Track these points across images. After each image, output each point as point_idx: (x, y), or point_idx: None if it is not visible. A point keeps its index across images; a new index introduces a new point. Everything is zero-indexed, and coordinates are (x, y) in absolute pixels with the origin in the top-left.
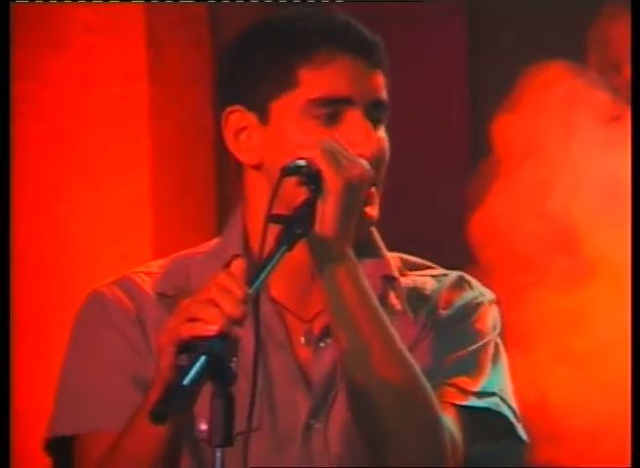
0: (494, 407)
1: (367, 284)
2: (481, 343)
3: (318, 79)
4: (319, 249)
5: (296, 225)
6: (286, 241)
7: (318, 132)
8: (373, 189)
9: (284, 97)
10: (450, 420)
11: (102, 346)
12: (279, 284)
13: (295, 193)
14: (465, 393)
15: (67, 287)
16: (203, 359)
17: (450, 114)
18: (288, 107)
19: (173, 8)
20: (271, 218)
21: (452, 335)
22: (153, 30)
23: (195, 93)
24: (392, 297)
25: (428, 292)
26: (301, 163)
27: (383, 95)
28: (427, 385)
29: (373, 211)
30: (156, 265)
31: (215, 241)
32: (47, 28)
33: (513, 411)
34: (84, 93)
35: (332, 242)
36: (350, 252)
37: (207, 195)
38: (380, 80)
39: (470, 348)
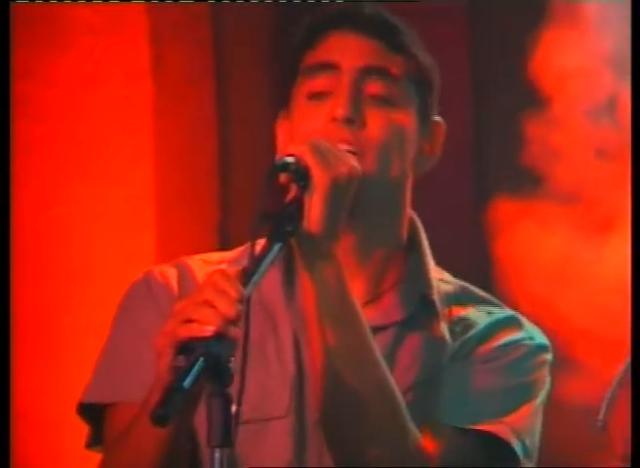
0: (500, 434)
1: (348, 283)
2: (511, 384)
3: (312, 56)
4: (306, 245)
5: (285, 222)
6: (277, 238)
7: (314, 113)
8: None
9: (294, 85)
10: (421, 433)
11: (143, 325)
12: None
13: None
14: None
15: (70, 287)
16: (201, 360)
17: (453, 114)
18: (295, 94)
19: (175, 7)
20: (261, 215)
21: (484, 370)
22: (155, 30)
23: (198, 92)
24: (429, 321)
25: (474, 325)
26: (290, 160)
27: (376, 62)
28: (394, 384)
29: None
30: (218, 255)
31: None
32: (48, 28)
33: (525, 450)
34: (86, 93)
35: (318, 239)
36: (336, 249)
37: (210, 194)
38: (377, 49)
39: (496, 387)
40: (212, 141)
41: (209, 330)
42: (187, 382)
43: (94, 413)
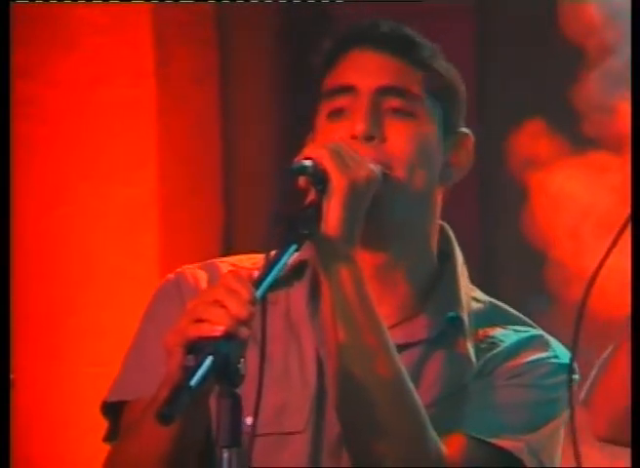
0: (516, 452)
1: (367, 286)
2: (533, 401)
3: (331, 79)
4: (323, 248)
5: (302, 225)
6: (293, 241)
7: (334, 130)
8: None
9: (317, 108)
10: (441, 441)
11: (168, 327)
12: None
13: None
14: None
15: (72, 287)
16: (209, 360)
17: None
18: (318, 117)
19: (179, 7)
20: (277, 218)
21: (507, 386)
22: (160, 30)
23: (202, 92)
24: (456, 339)
25: (500, 344)
26: (308, 163)
27: (395, 81)
28: (412, 386)
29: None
30: (249, 260)
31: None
32: (50, 28)
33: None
34: (90, 93)
35: (336, 242)
36: (354, 253)
37: (214, 195)
38: (396, 68)
39: (518, 404)
40: (216, 141)
41: (218, 329)
42: (194, 381)
43: (114, 409)
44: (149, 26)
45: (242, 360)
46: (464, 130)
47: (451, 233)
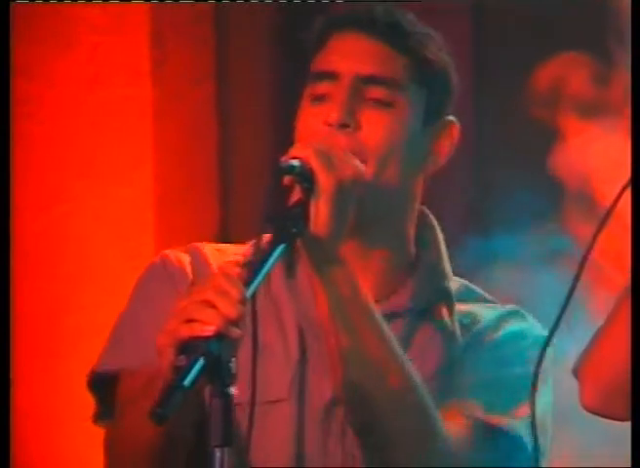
0: (510, 428)
1: (360, 283)
2: (521, 371)
3: (318, 62)
4: (313, 249)
5: (291, 224)
6: (282, 240)
7: (313, 116)
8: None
9: (304, 91)
10: (449, 430)
11: (156, 301)
12: None
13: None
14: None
15: (70, 287)
16: (201, 359)
17: (455, 113)
18: (302, 100)
19: (177, 8)
20: (266, 217)
21: (493, 359)
22: (157, 30)
23: (200, 93)
24: (443, 310)
25: (481, 319)
26: (295, 162)
27: (378, 70)
28: (423, 388)
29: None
30: (232, 247)
31: None
32: (50, 28)
33: (536, 440)
34: (88, 93)
35: (324, 242)
36: (342, 251)
37: (210, 195)
38: (382, 53)
39: (508, 373)
40: (212, 142)
41: (209, 329)
42: (187, 381)
43: (102, 387)
44: (148, 26)
45: (233, 359)
46: (450, 118)
47: (432, 219)
